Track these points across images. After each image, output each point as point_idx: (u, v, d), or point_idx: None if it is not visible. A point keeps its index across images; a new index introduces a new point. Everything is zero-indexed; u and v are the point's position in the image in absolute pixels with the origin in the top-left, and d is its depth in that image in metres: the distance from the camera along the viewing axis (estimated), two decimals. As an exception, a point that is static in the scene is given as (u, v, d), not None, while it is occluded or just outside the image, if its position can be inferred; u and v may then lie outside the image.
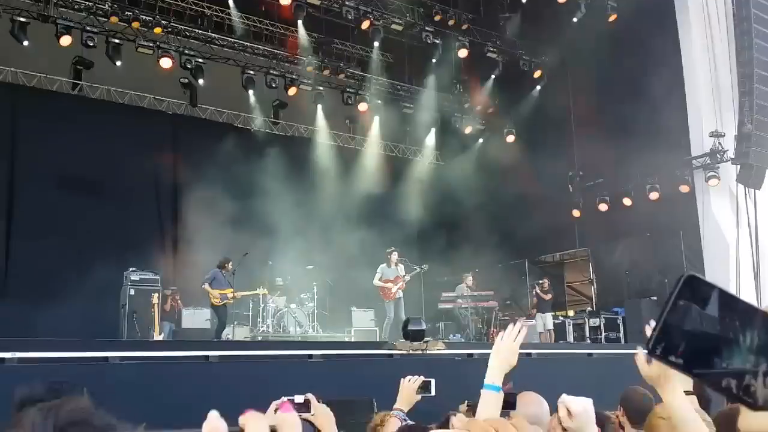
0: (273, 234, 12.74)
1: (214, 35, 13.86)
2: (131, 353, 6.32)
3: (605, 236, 13.51)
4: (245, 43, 14.20)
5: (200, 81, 13.31)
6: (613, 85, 12.88)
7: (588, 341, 12.07)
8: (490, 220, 14.09)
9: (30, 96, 12.45)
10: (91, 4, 12.20)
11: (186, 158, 13.40)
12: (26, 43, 11.59)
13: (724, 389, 0.64)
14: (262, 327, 11.70)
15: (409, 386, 3.01)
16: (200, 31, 13.71)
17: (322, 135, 15.40)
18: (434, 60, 14.59)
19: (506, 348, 2.08)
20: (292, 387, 2.45)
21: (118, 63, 12.36)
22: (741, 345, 0.64)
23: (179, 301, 11.55)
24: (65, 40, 11.65)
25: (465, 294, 12.63)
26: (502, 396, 2.02)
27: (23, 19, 11.50)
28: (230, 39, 14.09)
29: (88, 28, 11.89)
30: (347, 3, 13.13)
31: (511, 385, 2.11)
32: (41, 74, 12.56)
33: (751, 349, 0.64)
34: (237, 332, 11.48)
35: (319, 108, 14.95)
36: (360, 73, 15.42)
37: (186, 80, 13.52)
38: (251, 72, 13.85)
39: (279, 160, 13.72)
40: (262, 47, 14.50)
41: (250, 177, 13.05)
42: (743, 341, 0.64)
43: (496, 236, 13.68)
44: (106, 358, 5.99)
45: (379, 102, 15.37)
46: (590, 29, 13.05)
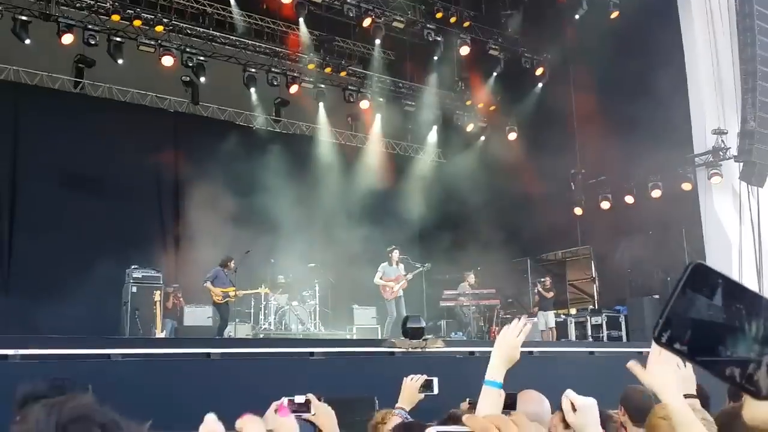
0: (275, 232, 12.75)
1: (216, 33, 13.85)
2: (133, 350, 6.33)
3: (607, 234, 13.48)
4: (247, 41, 14.19)
5: (202, 79, 13.31)
6: (616, 83, 12.84)
7: (590, 339, 12.06)
8: (492, 218, 14.08)
9: (32, 94, 12.46)
10: (93, 3, 12.20)
11: (188, 156, 13.42)
12: (28, 42, 11.59)
13: (728, 378, 0.64)
14: (264, 324, 11.71)
15: (412, 385, 3.00)
16: (202, 29, 13.70)
17: (324, 133, 15.39)
18: (436, 57, 14.57)
19: (509, 343, 2.05)
20: (294, 385, 2.45)
21: (120, 61, 12.36)
22: (746, 334, 0.64)
23: (181, 299, 11.56)
24: (67, 39, 11.65)
25: (467, 292, 12.62)
26: (503, 393, 2.00)
27: (25, 18, 11.51)
28: (232, 37, 14.07)
29: (90, 27, 11.88)
30: (348, 0, 13.10)
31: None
32: (43, 72, 12.56)
33: (756, 339, 0.64)
34: (239, 330, 11.51)
35: (321, 106, 14.94)
36: (361, 71, 15.40)
37: (187, 78, 13.52)
38: (253, 70, 13.85)
39: (281, 158, 13.73)
40: (264, 45, 14.49)
41: (252, 175, 13.05)
42: (748, 330, 0.64)
43: (499, 234, 13.66)
44: (109, 355, 6.01)
45: (381, 100, 15.36)
46: (592, 26, 13.02)
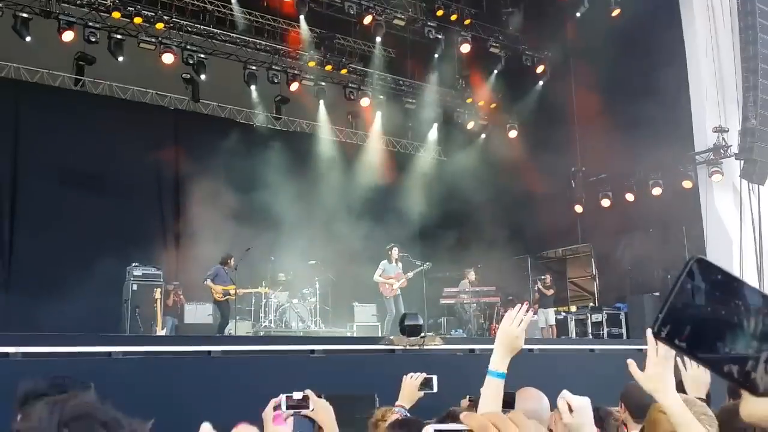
0: (275, 229, 12.75)
1: (216, 31, 13.84)
2: (134, 348, 6.33)
3: (608, 232, 13.48)
4: (247, 39, 14.17)
5: (202, 76, 13.31)
6: (616, 80, 12.83)
7: (590, 337, 12.07)
8: (493, 216, 14.07)
9: (32, 92, 12.45)
10: (93, 0, 12.20)
11: (188, 154, 13.42)
12: (28, 39, 11.59)
13: (726, 374, 0.64)
14: (265, 322, 11.72)
15: (412, 383, 3.00)
16: (202, 27, 13.69)
17: (324, 130, 15.38)
18: (436, 55, 14.56)
19: (510, 332, 2.01)
20: (294, 382, 2.45)
21: (120, 58, 12.35)
22: (745, 330, 0.64)
23: (182, 296, 11.57)
24: (67, 36, 11.64)
25: (467, 290, 12.62)
26: (498, 392, 1.98)
27: (25, 15, 11.50)
28: (232, 34, 14.06)
29: (90, 24, 11.87)
30: (349, -2, 13.08)
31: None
32: (43, 70, 12.55)
33: (755, 335, 0.64)
34: (239, 327, 11.53)
35: (321, 103, 14.93)
36: (362, 69, 15.38)
37: (188, 76, 13.52)
38: (253, 67, 13.83)
39: (281, 156, 13.72)
40: (264, 42, 14.47)
41: (252, 172, 13.05)
42: (747, 327, 0.64)
43: (499, 232, 13.66)
44: (109, 353, 6.01)
45: (382, 97, 15.35)
46: (593, 24, 13.00)
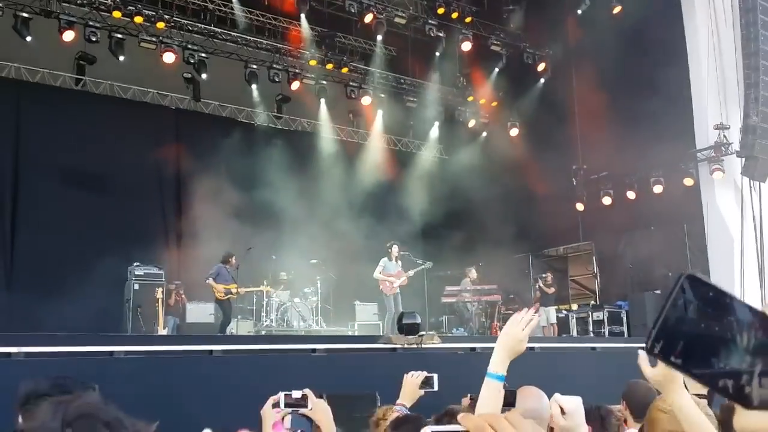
0: (277, 228, 12.76)
1: (217, 29, 13.84)
2: (136, 347, 6.34)
3: (609, 230, 13.48)
4: (248, 38, 14.17)
5: (203, 75, 13.31)
6: (618, 78, 12.81)
7: (591, 335, 12.07)
8: (494, 214, 14.07)
9: (33, 92, 12.46)
10: (94, -1, 12.22)
11: (189, 153, 13.41)
12: (29, 39, 11.59)
13: (720, 389, 0.65)
14: (266, 321, 11.73)
15: (412, 382, 3.01)
16: (203, 26, 13.69)
17: (326, 129, 15.38)
18: (438, 53, 14.55)
19: (514, 335, 2.00)
20: (296, 381, 2.45)
21: (121, 58, 12.36)
22: (738, 345, 0.65)
23: (183, 296, 11.58)
24: (68, 36, 11.65)
25: (468, 288, 12.63)
26: (499, 392, 1.98)
27: (26, 15, 11.51)
28: (233, 33, 14.06)
29: (91, 23, 11.88)
30: (350, -4, 13.08)
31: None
32: (44, 70, 12.56)
33: (748, 350, 0.64)
34: (241, 326, 11.53)
35: (323, 102, 14.93)
36: (363, 67, 15.38)
37: (189, 75, 13.52)
38: (254, 66, 13.83)
39: (282, 155, 13.73)
40: (265, 41, 14.47)
41: (254, 171, 13.05)
42: (740, 342, 0.65)
43: (500, 230, 13.66)
44: (111, 353, 6.02)
45: (383, 96, 15.35)
46: (594, 21, 12.99)
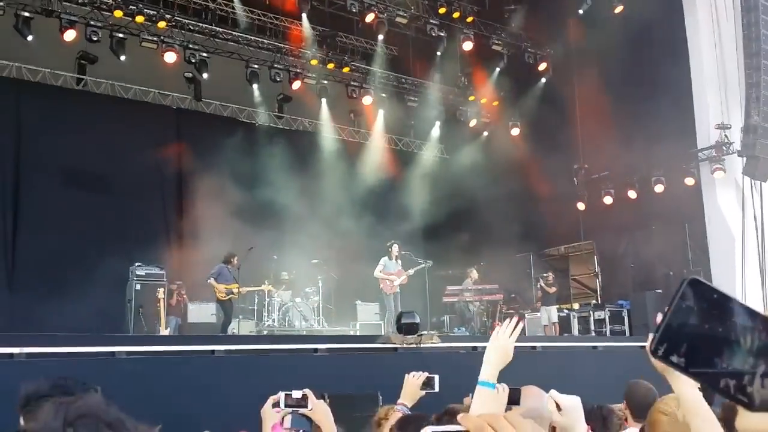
0: (278, 228, 12.77)
1: (218, 29, 13.84)
2: (138, 348, 6.35)
3: (610, 229, 13.47)
4: (249, 37, 14.17)
5: (204, 75, 13.31)
6: (619, 77, 12.81)
7: (593, 334, 12.07)
8: (495, 214, 14.07)
9: (34, 91, 12.46)
10: (95, -1, 12.22)
11: (190, 152, 13.42)
12: (30, 38, 11.60)
13: (723, 390, 0.66)
14: (268, 321, 11.73)
15: (413, 382, 3.01)
16: (204, 25, 13.69)
17: (327, 129, 15.38)
18: (439, 53, 14.54)
19: (502, 345, 2.08)
20: (298, 381, 2.46)
21: (123, 57, 12.36)
22: (740, 347, 0.66)
23: (185, 296, 11.59)
24: (69, 35, 11.65)
25: (470, 287, 12.64)
26: (497, 393, 2.01)
27: (27, 14, 11.50)
28: (234, 33, 14.06)
29: (92, 23, 11.88)
30: (351, -4, 13.07)
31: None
32: (45, 69, 12.56)
33: (750, 352, 0.66)
34: (242, 326, 11.54)
35: (324, 101, 14.94)
36: (364, 67, 15.37)
37: (190, 74, 13.52)
38: (255, 66, 13.84)
39: (283, 154, 13.73)
40: (267, 41, 14.47)
41: (255, 171, 13.06)
42: (743, 343, 0.66)
43: (502, 229, 13.66)
44: (113, 353, 6.03)
45: (384, 95, 15.35)
46: (596, 21, 12.99)
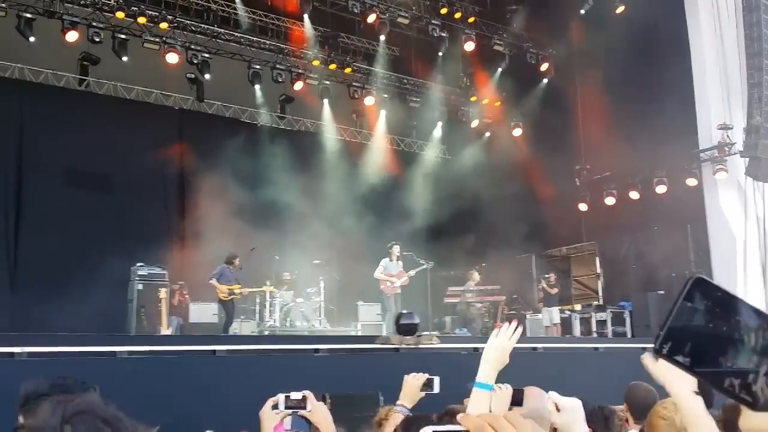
0: (280, 228, 12.77)
1: (220, 30, 13.86)
2: (139, 348, 6.35)
3: (612, 230, 13.46)
4: (251, 38, 14.19)
5: (206, 76, 13.34)
6: (621, 78, 12.79)
7: (595, 335, 12.05)
8: (497, 214, 14.05)
9: (37, 92, 12.48)
10: (97, 0, 12.23)
11: (192, 153, 13.43)
12: (32, 39, 11.61)
13: (727, 389, 0.66)
14: (269, 321, 11.73)
15: (413, 383, 3.00)
16: (206, 26, 13.71)
17: (329, 129, 15.38)
18: (441, 53, 14.54)
19: (500, 348, 2.08)
20: (299, 381, 2.46)
21: (125, 58, 12.39)
22: (745, 346, 0.66)
23: (187, 296, 11.59)
24: (71, 36, 11.67)
25: (471, 288, 12.63)
26: (498, 394, 2.01)
27: (29, 15, 11.52)
28: (236, 34, 14.08)
29: (95, 24, 11.90)
30: (353, -4, 13.08)
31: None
32: (48, 70, 12.59)
33: (755, 351, 0.66)
34: (244, 327, 11.53)
35: (326, 102, 14.94)
36: (366, 67, 15.38)
37: (192, 75, 13.54)
38: (257, 66, 13.85)
39: (285, 155, 13.73)
40: (269, 42, 14.49)
41: (257, 172, 13.06)
42: (747, 343, 0.66)
43: (503, 230, 13.64)
44: (114, 353, 6.03)
45: (386, 96, 15.35)
46: (598, 22, 12.98)
